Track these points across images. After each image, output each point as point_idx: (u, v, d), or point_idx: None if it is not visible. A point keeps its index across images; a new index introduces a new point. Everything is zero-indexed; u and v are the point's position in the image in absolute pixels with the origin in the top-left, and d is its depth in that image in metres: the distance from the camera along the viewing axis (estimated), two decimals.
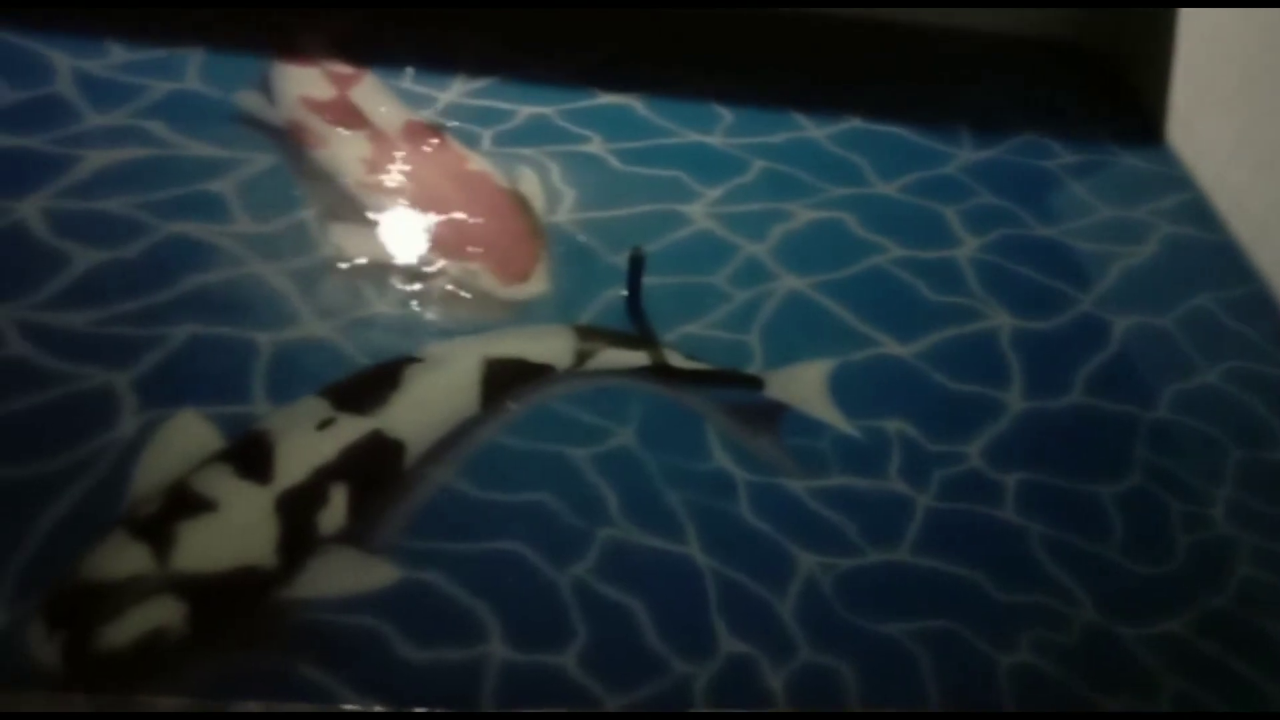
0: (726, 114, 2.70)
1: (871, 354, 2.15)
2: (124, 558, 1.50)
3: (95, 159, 2.17)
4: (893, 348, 2.17)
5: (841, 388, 2.04)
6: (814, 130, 2.72)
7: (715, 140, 2.62)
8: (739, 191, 2.48)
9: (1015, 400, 2.12)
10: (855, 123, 2.77)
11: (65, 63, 2.39)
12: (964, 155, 2.74)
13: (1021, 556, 1.87)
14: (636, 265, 2.09)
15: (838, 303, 2.24)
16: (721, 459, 1.89)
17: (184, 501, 1.58)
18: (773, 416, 1.97)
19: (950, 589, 1.79)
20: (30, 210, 2.03)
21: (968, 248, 2.46)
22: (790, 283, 2.26)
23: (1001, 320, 2.29)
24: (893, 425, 2.01)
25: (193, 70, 2.45)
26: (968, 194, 2.61)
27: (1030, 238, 2.53)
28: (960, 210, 2.56)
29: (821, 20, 3.09)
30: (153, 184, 2.15)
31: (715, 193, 2.46)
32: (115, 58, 2.44)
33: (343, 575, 1.59)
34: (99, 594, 1.46)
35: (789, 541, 1.79)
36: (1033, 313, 2.32)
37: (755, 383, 2.01)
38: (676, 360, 2.03)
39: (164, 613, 1.46)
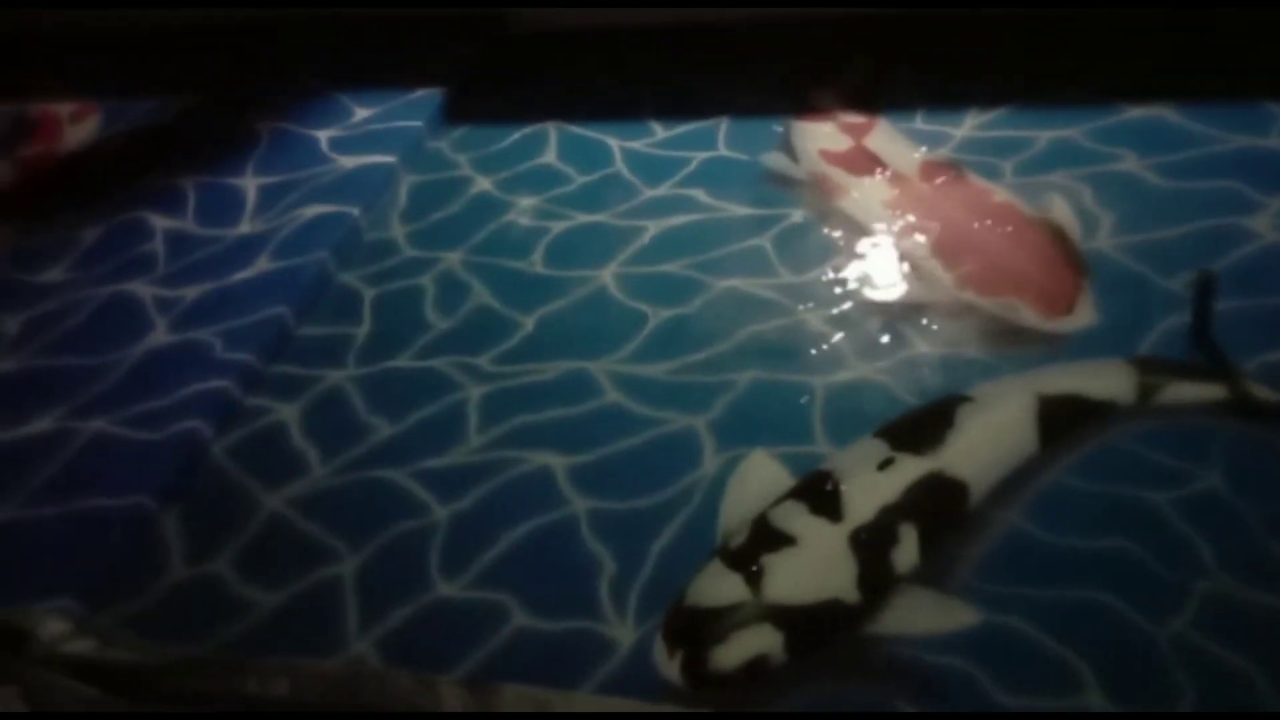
0: None
1: None
2: (723, 587, 1.65)
3: (653, 227, 2.46)
4: None
5: None
6: None
7: (1275, 143, 2.33)
8: None
9: None
10: None
11: (617, 145, 2.75)
12: None
13: None
14: (1206, 289, 1.91)
15: None
16: None
17: (767, 536, 1.70)
18: None
19: None
20: (608, 277, 2.35)
21: None
22: None
23: None
24: None
25: (721, 139, 2.69)
26: None
27: None
28: None
29: None
30: (702, 245, 2.38)
31: None
32: (656, 136, 2.75)
33: (926, 614, 1.62)
34: (706, 619, 1.62)
35: None
36: None
37: None
38: (1263, 393, 1.82)
39: (764, 640, 1.58)
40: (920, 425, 1.86)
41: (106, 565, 1.82)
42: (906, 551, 1.68)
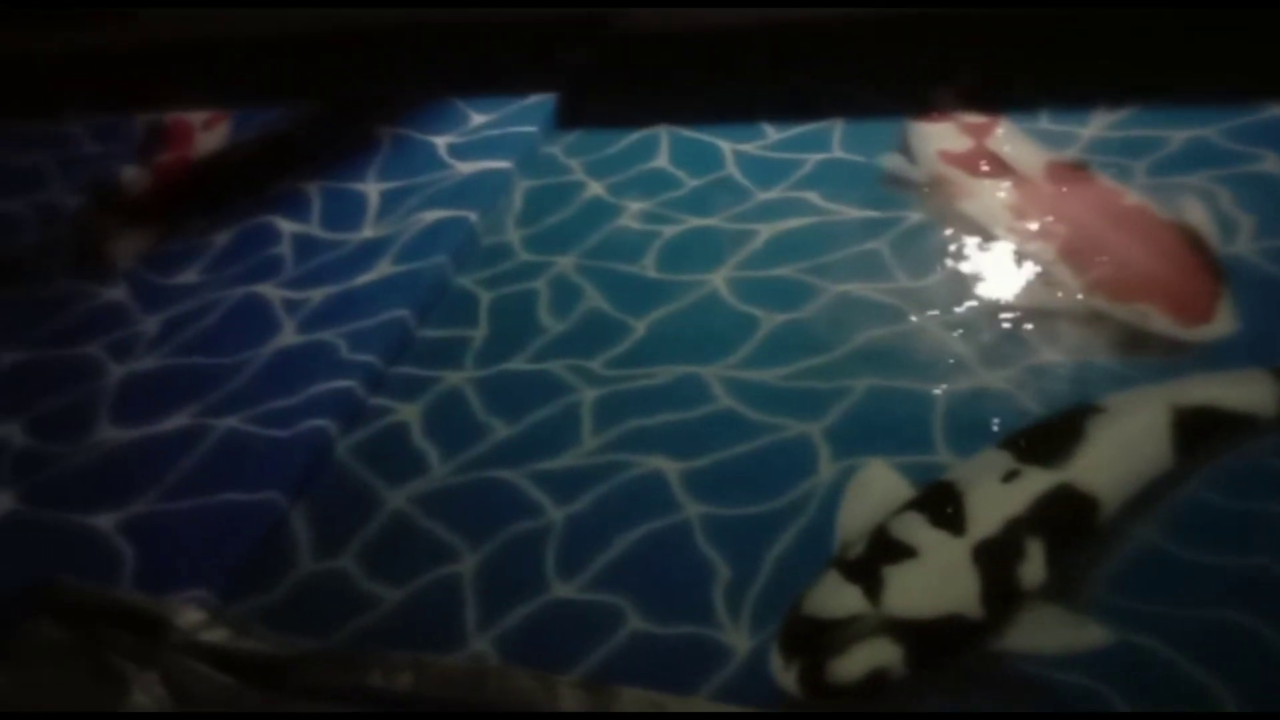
0: None
1: None
2: (841, 598, 1.62)
3: (766, 231, 2.44)
4: None
5: None
6: None
7: None
8: None
9: None
10: None
11: (729, 148, 2.74)
12: None
13: None
14: None
15: None
16: None
17: (886, 547, 1.67)
18: None
19: None
20: (719, 281, 2.34)
21: None
22: None
23: None
24: None
25: (836, 140, 2.66)
26: None
27: None
28: None
29: None
30: (816, 249, 2.35)
31: None
32: (769, 138, 2.74)
33: (1053, 631, 1.56)
34: (823, 630, 1.59)
35: None
36: None
37: None
38: None
39: (884, 653, 1.55)
40: (1047, 436, 1.79)
41: (239, 558, 1.90)
42: (1033, 567, 1.62)
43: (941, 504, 1.71)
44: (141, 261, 2.75)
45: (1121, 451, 1.75)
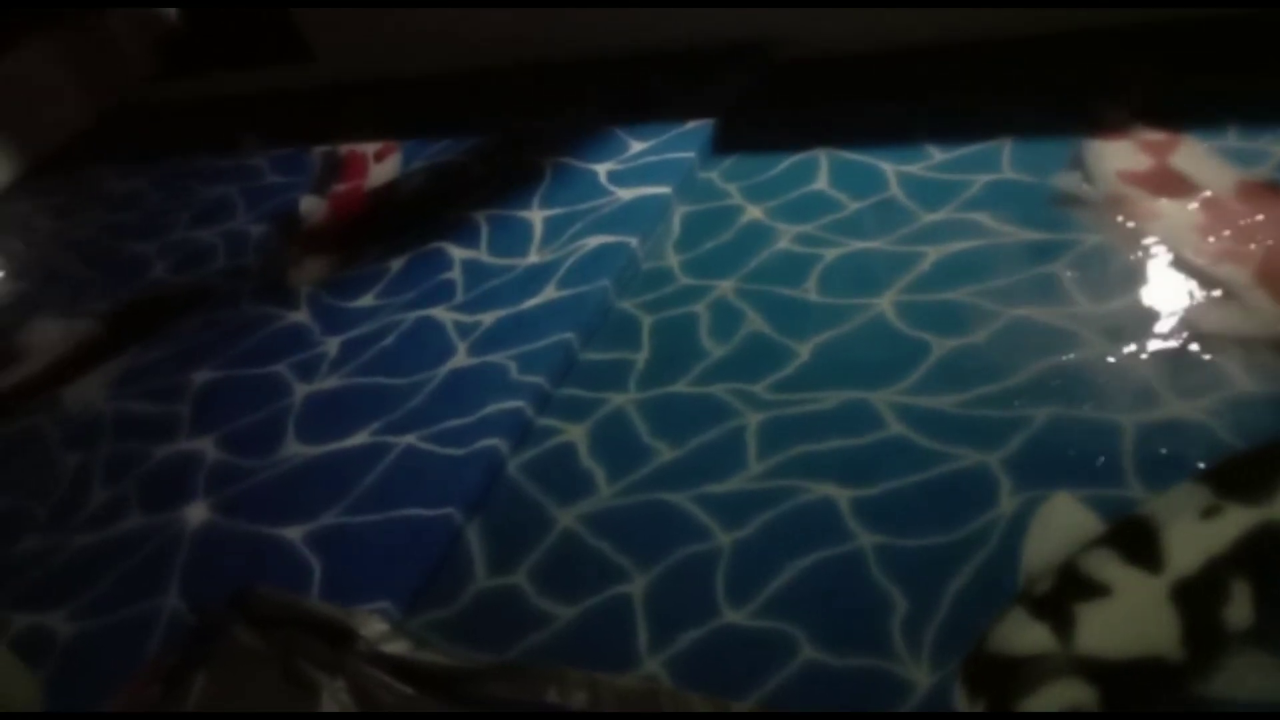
0: None
1: None
2: (1028, 635, 1.56)
3: (933, 254, 2.39)
4: None
5: None
6: None
7: None
8: None
9: None
10: None
11: (892, 170, 2.69)
12: None
13: None
14: None
15: None
16: None
17: (1076, 584, 1.60)
18: None
19: None
20: (886, 304, 2.30)
21: None
22: None
23: None
24: None
25: (1006, 160, 2.58)
26: None
27: None
28: None
29: None
30: (988, 272, 2.28)
31: None
32: (934, 159, 2.68)
33: (1262, 679, 1.47)
34: (1010, 668, 1.54)
35: None
36: None
37: None
38: None
39: (1076, 694, 1.49)
40: (1250, 470, 1.70)
41: (420, 572, 1.97)
42: (1239, 609, 1.53)
43: (1135, 540, 1.64)
44: (321, 286, 2.90)
45: None
